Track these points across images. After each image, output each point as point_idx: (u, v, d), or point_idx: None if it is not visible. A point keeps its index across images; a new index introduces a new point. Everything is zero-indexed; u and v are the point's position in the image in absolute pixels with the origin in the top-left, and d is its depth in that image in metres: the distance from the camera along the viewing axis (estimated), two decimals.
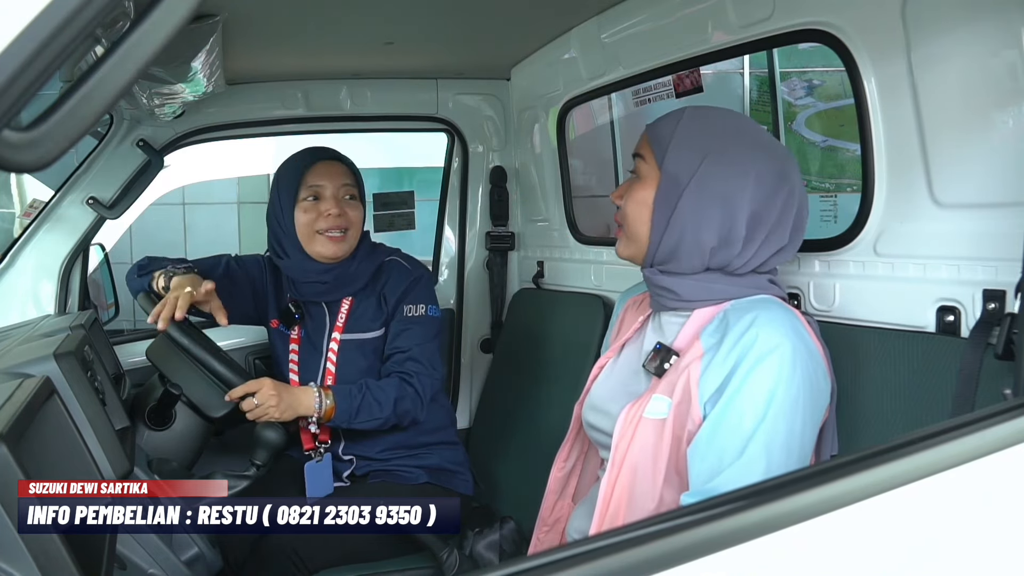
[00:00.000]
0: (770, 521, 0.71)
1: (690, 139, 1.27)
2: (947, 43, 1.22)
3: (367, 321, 1.94)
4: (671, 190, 1.26)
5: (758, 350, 1.16)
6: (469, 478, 2.04)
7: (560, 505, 1.54)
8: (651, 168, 1.29)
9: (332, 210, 1.87)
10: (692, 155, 1.26)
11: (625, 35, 1.91)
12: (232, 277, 2.01)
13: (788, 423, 1.15)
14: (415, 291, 1.93)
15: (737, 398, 1.16)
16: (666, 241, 1.28)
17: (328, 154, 1.95)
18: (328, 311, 1.96)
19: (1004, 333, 1.10)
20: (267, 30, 1.93)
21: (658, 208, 1.28)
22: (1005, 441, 0.81)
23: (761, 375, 1.15)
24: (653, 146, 1.30)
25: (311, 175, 1.90)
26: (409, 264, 1.99)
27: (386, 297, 1.93)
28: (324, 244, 1.89)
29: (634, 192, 1.31)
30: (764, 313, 1.20)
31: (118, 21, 1.03)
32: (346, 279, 1.93)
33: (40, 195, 2.94)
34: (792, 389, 1.15)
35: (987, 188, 1.21)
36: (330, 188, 1.89)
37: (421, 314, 1.91)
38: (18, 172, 0.90)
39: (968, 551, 0.79)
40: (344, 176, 1.92)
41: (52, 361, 1.31)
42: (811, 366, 1.18)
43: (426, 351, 1.89)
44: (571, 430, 1.52)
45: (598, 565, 0.66)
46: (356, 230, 1.93)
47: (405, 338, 1.89)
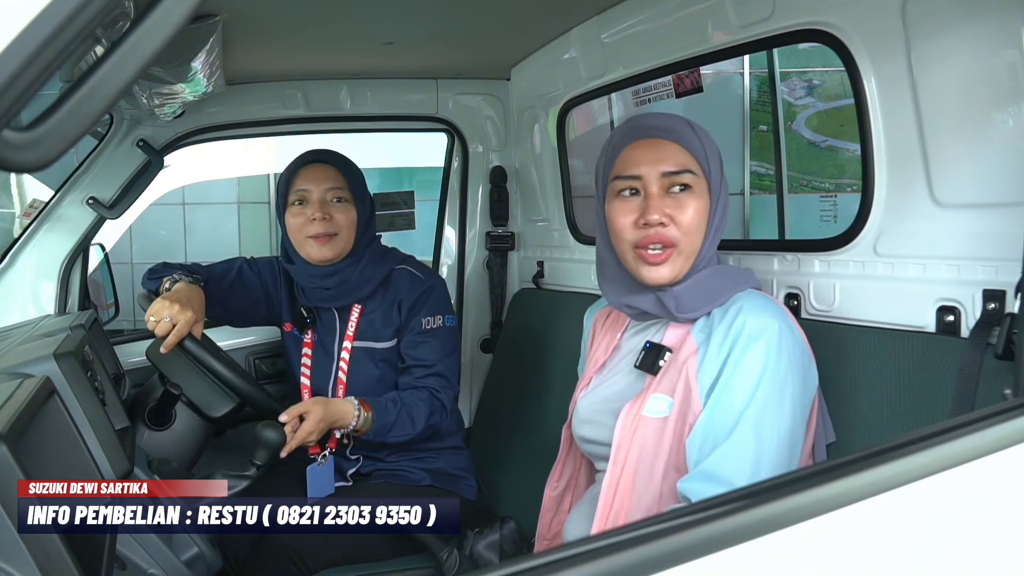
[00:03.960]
0: (770, 521, 0.71)
1: (711, 143, 1.31)
2: (947, 42, 1.22)
3: (378, 330, 1.94)
4: (716, 195, 1.30)
5: (747, 334, 1.20)
6: (473, 483, 2.04)
7: (556, 521, 1.56)
8: (699, 179, 1.29)
9: (315, 214, 1.88)
10: (719, 158, 1.31)
11: (625, 35, 1.91)
12: (244, 280, 2.02)
13: (777, 402, 1.17)
14: (431, 301, 1.92)
15: (730, 382, 1.19)
16: (708, 250, 1.30)
17: (315, 157, 1.94)
18: (339, 317, 1.96)
19: (1004, 333, 1.10)
20: (267, 30, 1.93)
21: (713, 216, 1.29)
22: (1005, 441, 0.81)
23: (751, 357, 1.19)
24: (696, 156, 1.29)
25: (297, 180, 1.91)
26: (422, 273, 1.97)
27: (399, 307, 1.92)
28: (312, 247, 1.89)
29: (688, 205, 1.28)
30: (748, 302, 1.24)
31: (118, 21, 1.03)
32: (350, 285, 1.92)
33: (40, 195, 2.94)
34: (780, 369, 1.18)
35: (987, 188, 1.21)
36: (315, 192, 1.89)
37: (439, 325, 1.91)
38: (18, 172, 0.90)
39: (968, 551, 0.79)
40: (331, 179, 1.91)
41: (52, 361, 1.31)
42: (796, 347, 1.21)
43: (449, 365, 1.90)
44: (561, 451, 1.54)
45: (598, 565, 0.66)
46: (347, 232, 1.91)
47: (426, 350, 1.89)
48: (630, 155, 1.31)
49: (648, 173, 1.28)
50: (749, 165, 6.20)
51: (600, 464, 1.40)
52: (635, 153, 1.30)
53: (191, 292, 1.81)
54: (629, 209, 1.30)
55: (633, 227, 1.29)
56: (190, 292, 1.81)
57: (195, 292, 1.82)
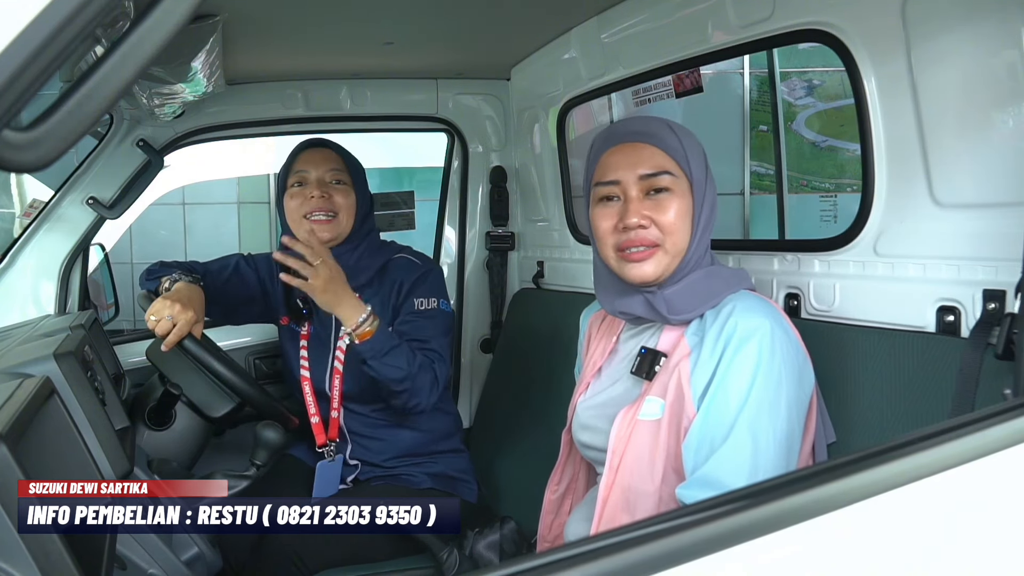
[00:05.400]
0: (770, 521, 0.71)
1: (692, 143, 1.31)
2: (947, 43, 1.22)
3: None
4: (700, 195, 1.30)
5: (739, 335, 1.19)
6: (474, 486, 2.04)
7: (556, 523, 1.56)
8: (679, 179, 1.29)
9: (315, 192, 1.89)
10: (701, 157, 1.31)
11: (625, 35, 1.91)
12: (241, 276, 2.02)
13: (772, 403, 1.17)
14: (425, 284, 1.93)
15: (723, 385, 1.19)
16: (697, 249, 1.30)
17: (315, 143, 1.97)
18: None
19: (1004, 333, 1.10)
20: (267, 30, 1.93)
21: (698, 215, 1.29)
22: (1005, 441, 0.81)
23: (743, 359, 1.18)
24: (675, 157, 1.30)
25: (297, 163, 1.93)
26: (418, 259, 1.99)
27: (399, 289, 1.92)
28: (311, 227, 1.89)
29: (669, 206, 1.28)
30: (740, 303, 1.24)
31: (118, 21, 1.03)
32: (347, 272, 1.91)
33: (40, 195, 2.94)
34: (773, 371, 1.18)
35: (987, 188, 1.21)
36: (314, 173, 1.91)
37: (434, 307, 1.91)
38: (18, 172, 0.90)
39: (968, 551, 0.79)
40: (330, 162, 1.93)
41: (52, 361, 1.31)
42: (790, 348, 1.21)
43: (442, 344, 1.89)
44: (561, 455, 1.55)
45: (598, 565, 0.66)
46: (346, 214, 1.91)
47: (419, 329, 1.87)
48: (608, 161, 1.32)
49: (626, 177, 1.29)
50: (749, 165, 6.20)
51: (600, 468, 1.40)
52: (613, 159, 1.32)
53: (191, 292, 1.81)
54: (609, 214, 1.31)
55: (613, 231, 1.30)
56: (190, 292, 1.80)
57: (195, 292, 1.82)
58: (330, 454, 1.93)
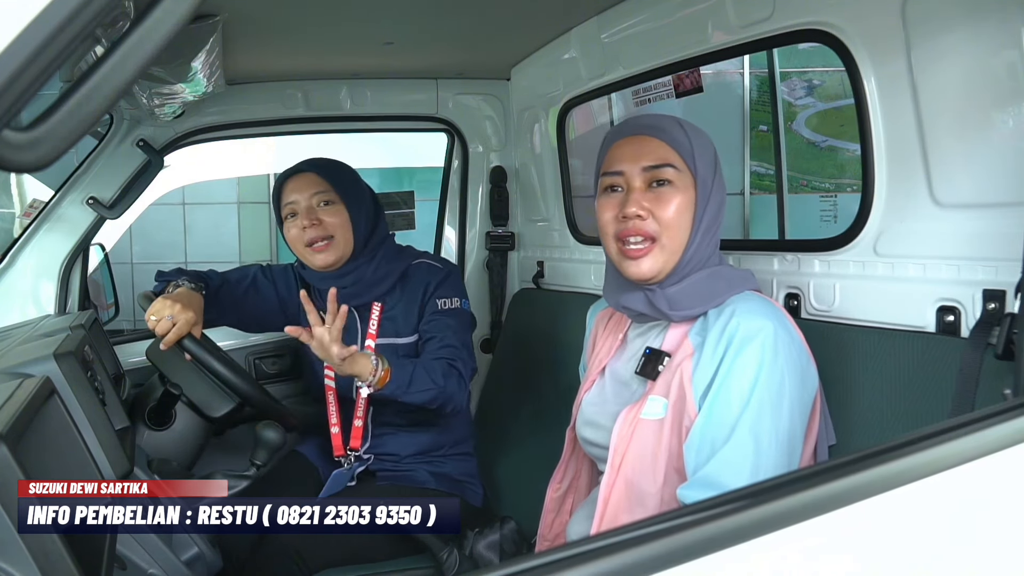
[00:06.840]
0: (770, 520, 0.71)
1: (702, 142, 1.31)
2: (947, 43, 1.22)
3: (399, 325, 1.95)
4: (704, 193, 1.29)
5: (741, 336, 1.19)
6: (479, 490, 2.04)
7: (558, 522, 1.56)
8: (683, 174, 1.29)
9: (304, 222, 1.90)
10: (711, 156, 1.31)
11: (625, 35, 1.91)
12: (258, 289, 2.04)
13: (774, 405, 1.17)
14: (447, 284, 1.95)
15: (724, 386, 1.18)
16: (698, 248, 1.29)
17: (294, 170, 1.96)
18: (359, 317, 1.96)
19: (1004, 333, 1.10)
20: (267, 30, 1.93)
21: (700, 212, 1.29)
22: (1005, 441, 0.81)
23: (745, 361, 1.18)
24: (680, 152, 1.30)
25: (285, 194, 1.94)
26: (439, 262, 2.01)
27: (423, 293, 1.94)
28: (312, 256, 1.92)
29: (670, 199, 1.28)
30: (743, 304, 1.24)
31: (118, 21, 1.03)
32: (366, 282, 1.93)
33: (40, 195, 2.94)
34: (776, 373, 1.17)
35: (987, 188, 1.21)
36: (302, 202, 1.91)
37: (456, 306, 1.93)
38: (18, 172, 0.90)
39: (969, 551, 0.79)
40: (313, 185, 1.91)
41: (52, 361, 1.31)
42: (793, 349, 1.21)
43: (465, 340, 1.91)
44: (564, 452, 1.54)
45: (598, 565, 0.66)
46: (342, 234, 1.91)
47: (442, 328, 1.89)
48: (615, 152, 1.33)
49: (629, 169, 1.30)
50: (749, 165, 6.20)
51: (603, 466, 1.40)
52: (620, 150, 1.32)
53: (191, 297, 1.82)
54: (612, 204, 1.32)
55: (614, 220, 1.31)
56: (190, 296, 1.82)
57: (195, 298, 1.83)
58: (348, 463, 1.94)
